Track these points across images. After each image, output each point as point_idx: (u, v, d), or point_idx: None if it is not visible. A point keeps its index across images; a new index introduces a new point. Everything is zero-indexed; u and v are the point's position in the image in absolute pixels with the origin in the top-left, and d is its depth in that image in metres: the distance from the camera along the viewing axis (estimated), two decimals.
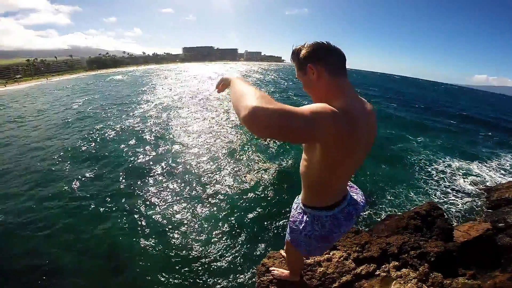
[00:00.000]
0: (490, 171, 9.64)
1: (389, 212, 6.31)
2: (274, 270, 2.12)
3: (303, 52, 1.04)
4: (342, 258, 2.41)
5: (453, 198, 7.41)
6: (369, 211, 6.47)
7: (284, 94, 26.84)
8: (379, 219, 5.80)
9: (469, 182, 8.42)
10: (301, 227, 1.32)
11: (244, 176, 8.23)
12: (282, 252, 2.25)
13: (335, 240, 1.36)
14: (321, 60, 1.00)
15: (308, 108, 0.80)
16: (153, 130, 13.32)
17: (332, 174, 1.08)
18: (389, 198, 7.20)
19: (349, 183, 1.50)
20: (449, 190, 7.88)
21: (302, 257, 1.84)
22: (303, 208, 1.33)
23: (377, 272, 2.35)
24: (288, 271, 2.03)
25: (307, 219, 1.30)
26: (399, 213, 5.34)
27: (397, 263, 2.54)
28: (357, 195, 1.44)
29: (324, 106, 0.84)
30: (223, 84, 1.07)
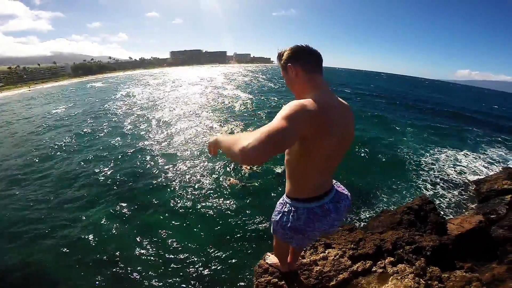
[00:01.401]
0: (478, 163, 9.88)
1: (382, 208, 6.33)
2: (269, 256, 2.24)
3: (285, 54, 1.22)
4: (337, 256, 2.37)
5: (444, 191, 7.53)
6: (362, 208, 6.49)
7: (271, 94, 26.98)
8: (373, 215, 5.81)
9: (458, 175, 8.58)
10: (278, 218, 1.40)
11: (240, 179, 8.16)
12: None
13: (312, 236, 1.39)
14: (299, 61, 1.18)
15: (283, 116, 0.89)
16: (153, 134, 13.16)
17: (308, 162, 1.16)
18: (381, 194, 7.24)
19: (337, 183, 1.51)
20: (439, 183, 8.00)
21: (285, 248, 1.90)
22: (285, 199, 1.40)
23: (374, 269, 2.30)
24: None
25: (286, 209, 1.37)
26: (392, 209, 5.36)
27: (393, 258, 2.50)
28: (342, 195, 1.44)
29: (296, 104, 0.96)
30: (213, 147, 1.14)
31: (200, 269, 4.89)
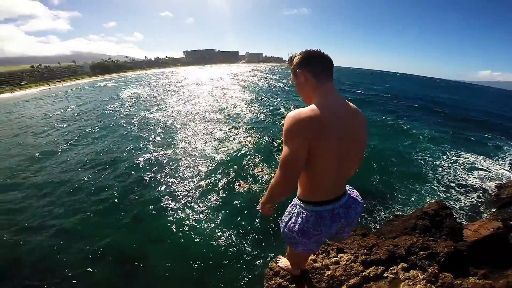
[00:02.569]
0: (499, 168, 9.52)
1: (397, 211, 6.24)
2: (280, 259, 2.21)
3: (296, 59, 1.23)
4: (349, 261, 2.39)
5: (462, 196, 7.33)
6: (377, 211, 6.41)
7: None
8: (387, 220, 5.73)
9: (477, 180, 8.32)
10: (287, 219, 1.42)
11: (253, 180, 8.20)
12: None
13: (318, 240, 1.38)
14: (308, 66, 1.19)
15: (285, 141, 1.09)
16: (157, 137, 13.38)
17: (316, 165, 1.17)
18: (396, 197, 7.14)
19: (352, 189, 1.51)
20: (457, 187, 7.80)
21: (297, 252, 1.87)
22: (295, 201, 1.41)
23: (385, 274, 2.31)
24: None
25: (295, 211, 1.38)
26: (407, 213, 5.28)
27: (405, 264, 2.51)
28: (355, 201, 1.44)
29: (290, 121, 1.08)
30: (265, 208, 1.36)
31: (210, 268, 4.96)
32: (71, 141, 13.42)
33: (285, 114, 16.65)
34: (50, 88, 63.03)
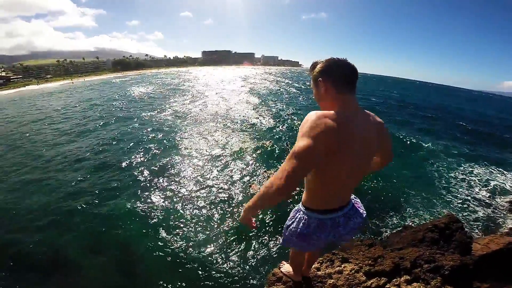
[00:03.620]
0: None
1: (406, 222, 6.17)
2: (284, 265, 2.26)
3: (318, 67, 1.18)
4: (353, 271, 2.45)
5: (474, 209, 7.13)
6: (385, 221, 6.35)
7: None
8: (395, 230, 5.67)
9: (492, 193, 8.06)
10: (289, 223, 1.45)
11: (258, 182, 8.26)
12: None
13: (316, 244, 1.42)
14: (331, 76, 1.13)
15: (310, 131, 0.98)
16: (159, 135, 13.46)
17: (324, 177, 1.17)
18: (405, 207, 7.01)
19: (356, 199, 1.56)
20: (470, 200, 7.58)
21: (301, 257, 1.95)
22: (300, 207, 1.43)
23: (387, 286, 2.36)
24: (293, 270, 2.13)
25: (298, 216, 1.40)
26: (416, 225, 5.22)
27: (409, 277, 2.54)
28: (357, 212, 1.46)
29: (323, 120, 1.01)
30: (247, 218, 1.22)
31: (212, 270, 4.98)
32: (67, 136, 13.83)
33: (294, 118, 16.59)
34: (73, 83, 65.37)
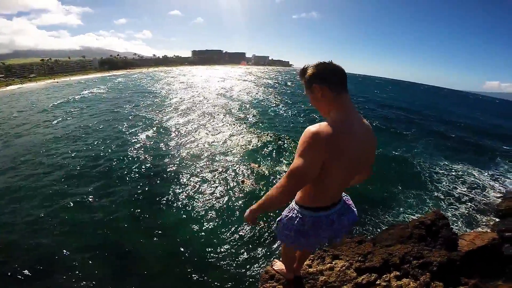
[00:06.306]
0: (499, 180, 9.51)
1: (394, 219, 6.29)
2: (276, 262, 2.26)
3: (309, 72, 1.19)
4: (344, 268, 2.47)
5: (461, 206, 7.35)
6: (374, 219, 6.46)
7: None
8: (384, 228, 5.79)
9: (477, 191, 8.33)
10: (285, 220, 1.46)
11: (252, 181, 8.28)
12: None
13: (314, 241, 1.45)
14: (325, 80, 1.15)
15: (305, 149, 1.06)
16: (156, 133, 13.54)
17: (319, 180, 1.18)
18: (395, 206, 7.17)
19: (347, 196, 1.58)
20: (456, 198, 7.82)
21: (293, 254, 1.95)
22: (293, 205, 1.44)
23: (378, 282, 2.39)
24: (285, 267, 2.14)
25: (292, 215, 1.42)
26: (404, 222, 5.34)
27: (398, 273, 2.58)
28: (348, 209, 1.50)
29: (318, 136, 1.05)
30: (251, 218, 1.31)
31: (206, 267, 5.02)
32: (66, 137, 13.74)
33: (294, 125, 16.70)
34: (57, 82, 63.70)
